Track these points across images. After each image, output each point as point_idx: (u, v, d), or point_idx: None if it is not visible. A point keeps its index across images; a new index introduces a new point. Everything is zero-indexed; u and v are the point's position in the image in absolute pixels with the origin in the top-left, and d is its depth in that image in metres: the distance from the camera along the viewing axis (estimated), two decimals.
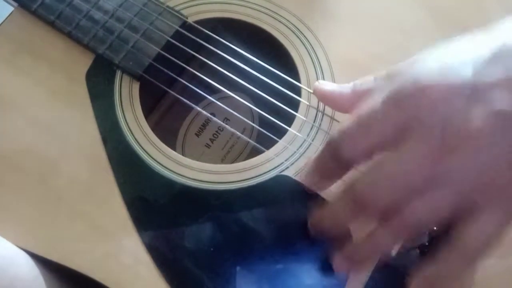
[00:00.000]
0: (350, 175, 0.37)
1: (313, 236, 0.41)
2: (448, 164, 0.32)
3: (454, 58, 0.33)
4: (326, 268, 0.41)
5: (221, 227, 0.43)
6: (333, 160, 0.37)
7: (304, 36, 0.49)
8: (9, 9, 0.50)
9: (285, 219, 0.43)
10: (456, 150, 0.31)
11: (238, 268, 0.42)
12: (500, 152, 0.31)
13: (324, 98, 0.43)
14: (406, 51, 0.46)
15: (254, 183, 0.44)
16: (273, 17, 0.50)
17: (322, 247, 0.42)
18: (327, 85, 0.42)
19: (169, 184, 0.44)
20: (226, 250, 0.42)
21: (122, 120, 0.46)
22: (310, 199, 0.43)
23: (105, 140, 0.45)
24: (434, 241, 0.41)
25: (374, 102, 0.35)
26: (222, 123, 0.51)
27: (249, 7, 0.50)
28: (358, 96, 0.39)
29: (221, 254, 0.42)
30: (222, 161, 0.54)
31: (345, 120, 0.44)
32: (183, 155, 0.47)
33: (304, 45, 0.49)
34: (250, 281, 0.41)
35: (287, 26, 0.49)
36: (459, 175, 0.32)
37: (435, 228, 0.40)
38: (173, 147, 0.52)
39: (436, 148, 0.32)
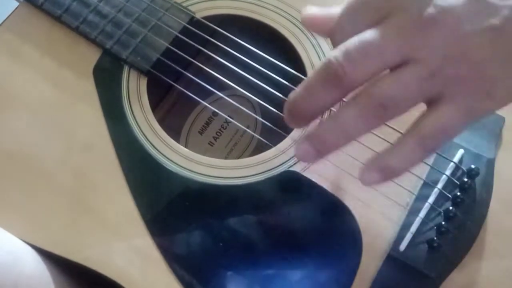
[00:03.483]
0: None
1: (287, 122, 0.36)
2: (422, 37, 0.31)
3: None
4: (334, 262, 0.41)
5: (229, 222, 0.43)
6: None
7: (310, 32, 0.49)
8: (14, 4, 0.50)
9: (293, 214, 0.43)
10: (432, 23, 0.31)
11: (244, 262, 0.42)
12: (470, 34, 0.31)
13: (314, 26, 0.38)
14: None
15: (262, 179, 0.44)
16: (279, 14, 0.50)
17: (329, 242, 0.42)
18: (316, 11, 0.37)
19: (177, 178, 0.44)
20: (234, 245, 0.42)
21: (130, 115, 0.46)
22: (318, 194, 0.43)
23: (112, 135, 0.45)
24: (443, 236, 0.41)
25: None
26: (226, 116, 0.51)
27: (255, 4, 0.50)
28: None
29: (229, 248, 0.42)
30: (226, 159, 0.54)
31: None
32: None
33: (310, 41, 0.49)
34: (257, 275, 0.41)
35: (292, 23, 0.50)
36: (432, 48, 0.31)
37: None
38: None
39: (410, 24, 0.31)
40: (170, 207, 0.43)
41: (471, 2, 0.31)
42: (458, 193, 0.42)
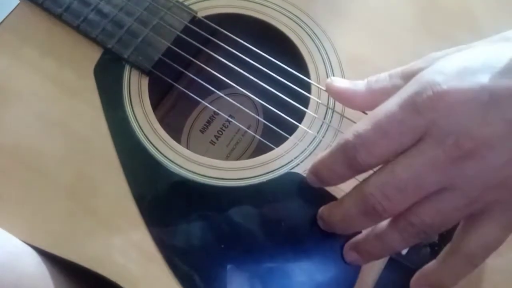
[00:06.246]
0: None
1: (322, 229, 0.41)
2: (460, 169, 0.32)
3: (473, 62, 0.33)
4: (336, 264, 0.41)
5: (231, 224, 0.42)
6: (345, 164, 0.36)
7: (313, 31, 0.49)
8: (14, 2, 0.50)
9: (295, 216, 0.43)
10: (470, 155, 0.32)
11: (245, 264, 0.41)
12: (508, 163, 0.31)
13: (338, 96, 0.42)
14: (414, 49, 0.47)
15: (264, 180, 0.44)
16: (281, 13, 0.50)
17: (331, 244, 0.42)
18: (340, 82, 0.41)
19: (178, 180, 0.44)
20: (236, 246, 0.42)
21: (131, 115, 0.46)
22: (320, 197, 0.43)
23: (114, 136, 0.45)
24: (445, 240, 0.41)
25: (391, 105, 0.34)
26: (227, 116, 0.51)
27: (258, 3, 0.50)
28: (373, 94, 0.39)
29: (230, 250, 0.42)
30: (227, 158, 0.54)
31: (357, 118, 0.44)
32: None
33: (313, 41, 0.48)
34: (259, 276, 0.41)
35: (295, 22, 0.49)
36: (470, 179, 0.32)
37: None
38: None
39: (449, 153, 0.32)
40: (171, 208, 0.43)
41: (505, 130, 0.31)
42: None
